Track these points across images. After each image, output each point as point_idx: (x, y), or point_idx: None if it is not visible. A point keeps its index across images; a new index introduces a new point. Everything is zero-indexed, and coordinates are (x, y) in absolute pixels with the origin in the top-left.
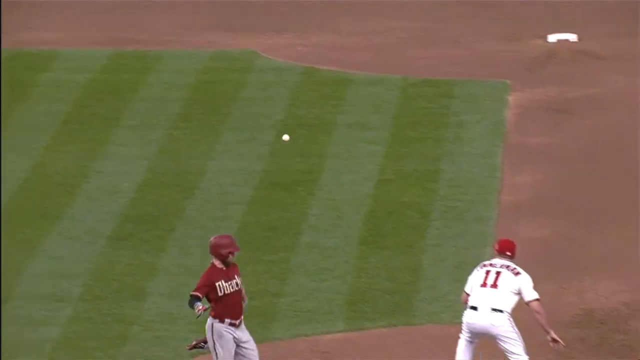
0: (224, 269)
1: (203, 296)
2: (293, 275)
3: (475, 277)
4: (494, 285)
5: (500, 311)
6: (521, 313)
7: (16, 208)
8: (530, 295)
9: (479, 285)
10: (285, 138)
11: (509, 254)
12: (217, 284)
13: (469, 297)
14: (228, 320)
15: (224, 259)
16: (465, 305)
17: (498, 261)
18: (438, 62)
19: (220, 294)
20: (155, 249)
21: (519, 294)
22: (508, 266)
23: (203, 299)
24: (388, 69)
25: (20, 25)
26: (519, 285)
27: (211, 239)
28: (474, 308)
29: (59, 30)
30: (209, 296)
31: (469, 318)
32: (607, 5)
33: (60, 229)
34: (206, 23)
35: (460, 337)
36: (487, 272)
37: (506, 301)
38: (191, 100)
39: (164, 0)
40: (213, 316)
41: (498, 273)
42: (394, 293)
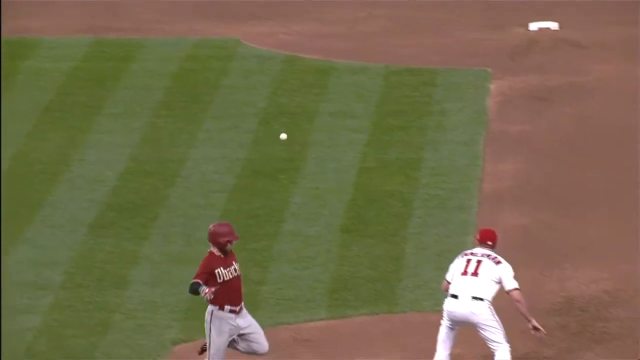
0: (222, 256)
1: (203, 283)
2: (275, 263)
3: (456, 266)
4: (475, 274)
5: (481, 299)
6: (502, 301)
7: None
8: (511, 284)
9: (460, 273)
10: (283, 137)
11: (490, 243)
12: (217, 271)
13: (450, 285)
14: (228, 307)
15: (222, 247)
16: (446, 293)
17: (479, 250)
18: (420, 51)
19: (219, 281)
20: (138, 237)
21: (500, 283)
22: (489, 255)
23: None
24: (371, 57)
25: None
26: (500, 274)
27: (210, 226)
28: (455, 296)
29: (41, 18)
30: (209, 283)
31: (449, 306)
32: None
33: (42, 217)
34: (189, 11)
35: (441, 325)
36: (468, 261)
37: (487, 289)
38: (174, 89)
39: None
40: (213, 303)
41: (479, 262)
42: (376, 281)
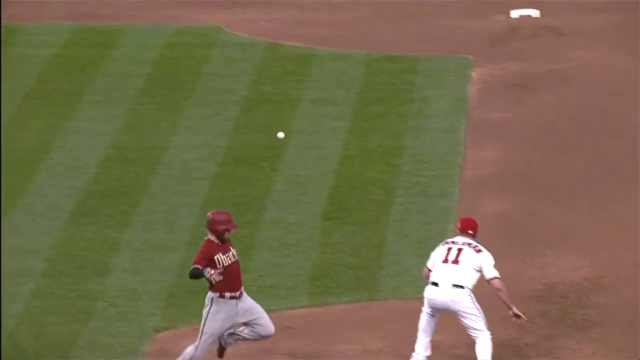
0: (219, 244)
1: (203, 268)
2: (257, 250)
3: (437, 254)
4: (456, 262)
5: (461, 287)
6: (482, 289)
7: None
8: (491, 273)
9: (441, 261)
10: (280, 135)
11: (471, 232)
12: (216, 257)
13: (431, 273)
14: (229, 294)
15: (220, 235)
16: (427, 281)
17: (460, 239)
18: (402, 38)
19: (219, 267)
20: (119, 224)
21: (480, 271)
22: (470, 244)
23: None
24: (352, 44)
25: None
26: (480, 262)
27: (209, 214)
28: (435, 284)
29: (21, 5)
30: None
31: (429, 294)
32: None
33: (23, 205)
34: None
35: (422, 312)
36: (449, 249)
37: (467, 277)
38: (155, 76)
39: None
40: (213, 290)
41: (460, 250)
42: (357, 268)
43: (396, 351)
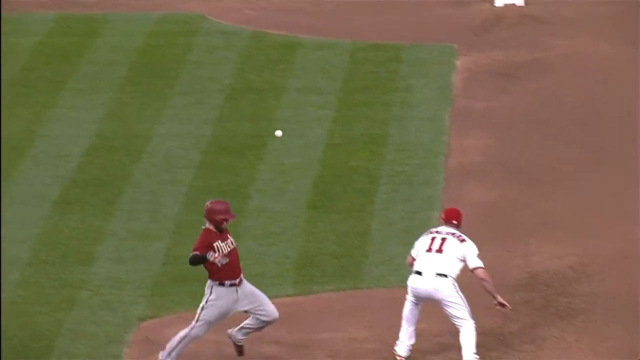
0: (217, 233)
1: (206, 253)
2: (241, 239)
3: (421, 243)
4: (439, 251)
5: (445, 276)
6: (466, 278)
7: None
8: (475, 262)
9: (424, 250)
10: (278, 134)
11: (455, 222)
12: (215, 244)
13: (415, 262)
14: (228, 282)
15: (218, 225)
16: (411, 269)
17: (444, 229)
18: (386, 27)
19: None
20: (103, 213)
21: (464, 261)
22: (454, 233)
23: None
24: (337, 33)
25: None
26: (464, 252)
27: (207, 203)
28: (419, 273)
29: None
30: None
31: (413, 283)
32: None
33: (7, 193)
34: None
35: (406, 300)
36: (433, 239)
37: (451, 266)
38: (138, 64)
39: None
40: (213, 278)
41: (443, 239)
42: (342, 257)
43: (381, 339)
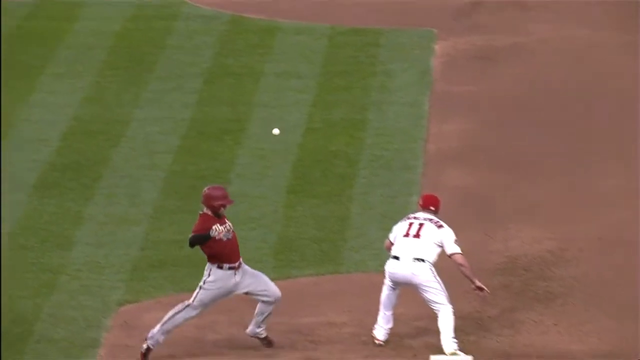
0: (215, 217)
1: (208, 231)
2: None
3: (399, 228)
4: (417, 236)
5: (422, 260)
6: (444, 263)
7: None
8: (452, 248)
9: (402, 235)
10: (276, 132)
11: (432, 208)
12: (214, 227)
13: (392, 247)
14: (227, 265)
15: (215, 211)
16: (388, 253)
17: (422, 214)
18: (365, 11)
19: (217, 238)
20: (82, 198)
21: (441, 247)
22: (431, 219)
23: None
24: (316, 17)
25: None
26: (441, 238)
27: (205, 189)
28: (396, 257)
29: None
30: (207, 242)
31: (391, 267)
32: None
33: None
34: None
35: (384, 285)
36: (410, 224)
37: (428, 251)
38: (117, 48)
39: None
40: (212, 262)
41: (421, 225)
42: (321, 242)
43: (360, 324)
